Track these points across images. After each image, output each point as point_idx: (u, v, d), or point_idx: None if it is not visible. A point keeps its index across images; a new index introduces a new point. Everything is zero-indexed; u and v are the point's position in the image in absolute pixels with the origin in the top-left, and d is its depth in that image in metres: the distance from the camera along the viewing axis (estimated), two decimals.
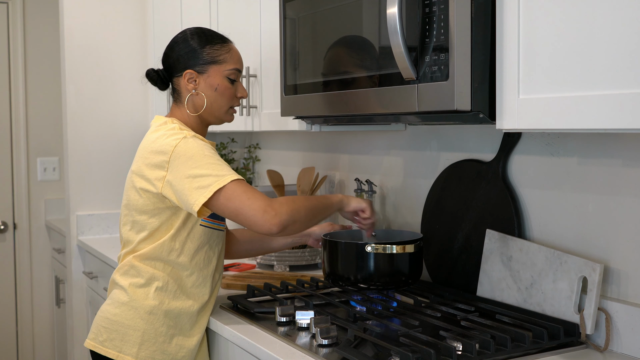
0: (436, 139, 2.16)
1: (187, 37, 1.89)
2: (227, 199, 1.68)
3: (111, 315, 1.84)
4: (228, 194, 1.68)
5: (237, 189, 1.68)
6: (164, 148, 1.75)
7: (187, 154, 1.72)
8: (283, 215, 1.68)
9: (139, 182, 1.80)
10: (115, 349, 1.81)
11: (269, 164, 3.19)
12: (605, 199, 1.62)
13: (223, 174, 1.69)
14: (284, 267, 2.50)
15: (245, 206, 1.67)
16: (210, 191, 1.67)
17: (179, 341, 1.83)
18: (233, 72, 1.89)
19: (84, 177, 3.37)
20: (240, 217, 1.68)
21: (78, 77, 3.37)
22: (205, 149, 1.73)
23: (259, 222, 1.67)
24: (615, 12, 1.21)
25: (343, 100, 1.81)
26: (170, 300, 1.81)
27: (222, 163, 1.73)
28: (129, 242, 1.87)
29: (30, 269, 4.39)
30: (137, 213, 1.83)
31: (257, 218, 1.67)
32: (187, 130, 1.80)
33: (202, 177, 1.69)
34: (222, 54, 1.88)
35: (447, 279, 2.01)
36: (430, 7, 1.49)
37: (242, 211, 1.67)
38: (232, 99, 1.91)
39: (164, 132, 1.80)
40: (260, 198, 1.68)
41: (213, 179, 1.68)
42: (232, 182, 1.68)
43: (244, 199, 1.67)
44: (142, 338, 1.80)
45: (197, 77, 1.86)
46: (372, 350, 1.55)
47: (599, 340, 1.60)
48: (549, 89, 1.33)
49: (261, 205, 1.67)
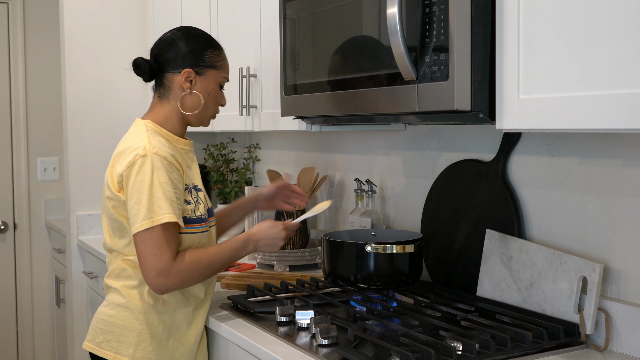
0: (436, 139, 2.16)
1: (190, 36, 1.88)
2: (141, 240, 1.72)
3: (107, 317, 1.84)
4: (147, 237, 1.71)
5: (153, 238, 1.71)
6: (124, 160, 1.76)
7: (138, 175, 1.72)
8: (172, 286, 1.74)
9: (106, 190, 1.82)
10: (111, 350, 1.81)
11: (269, 164, 3.19)
12: (605, 199, 1.62)
13: (158, 214, 1.70)
14: (284, 267, 2.50)
15: (146, 259, 1.71)
16: (141, 226, 1.70)
17: (175, 341, 1.83)
18: (224, 79, 1.93)
19: (84, 177, 3.37)
20: (140, 261, 1.73)
21: (78, 77, 3.37)
22: (158, 175, 1.72)
23: (149, 282, 1.73)
24: (615, 12, 1.21)
25: (343, 100, 1.81)
26: (164, 299, 1.81)
27: (165, 197, 1.72)
28: (114, 248, 1.86)
29: (31, 269, 4.39)
30: (112, 220, 1.83)
31: (148, 277, 1.72)
32: (152, 140, 1.77)
33: (140, 205, 1.70)
34: (220, 60, 1.90)
35: (447, 279, 2.01)
36: (430, 7, 1.49)
37: (142, 261, 1.72)
38: (217, 106, 1.94)
39: (131, 141, 1.80)
40: (163, 259, 1.71)
41: (147, 213, 1.70)
42: (159, 226, 1.70)
43: (150, 252, 1.71)
44: (137, 339, 1.80)
45: (195, 77, 1.86)
46: (372, 350, 1.55)
47: (598, 340, 1.60)
48: (549, 89, 1.33)
49: (159, 268, 1.71)
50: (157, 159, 1.73)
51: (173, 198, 1.73)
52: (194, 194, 1.84)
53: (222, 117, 2.71)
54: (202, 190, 1.89)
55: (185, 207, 1.79)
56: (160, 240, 1.71)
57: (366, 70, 1.73)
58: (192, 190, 1.84)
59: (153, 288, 1.74)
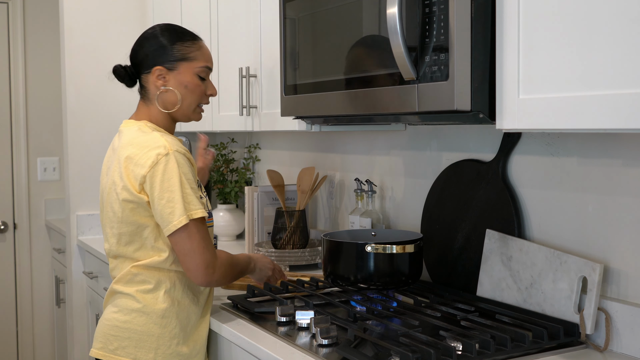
0: (436, 139, 2.16)
1: (157, 34, 1.88)
2: (185, 236, 1.72)
3: (120, 323, 1.81)
4: (191, 231, 1.72)
5: (198, 232, 1.73)
6: (144, 161, 1.74)
7: (165, 174, 1.72)
8: (219, 278, 1.78)
9: (122, 193, 1.78)
10: (129, 357, 1.79)
11: (269, 164, 3.19)
12: (605, 199, 1.62)
13: (192, 210, 1.72)
14: (284, 267, 2.50)
15: (194, 253, 1.72)
16: (179, 222, 1.70)
17: (192, 340, 1.83)
18: (203, 69, 1.88)
19: (84, 177, 3.37)
20: (186, 257, 1.73)
21: (78, 77, 3.37)
22: (184, 172, 1.73)
23: (198, 275, 1.74)
24: (614, 12, 1.21)
25: (343, 100, 1.81)
26: (179, 299, 1.81)
27: (194, 193, 1.74)
28: (121, 254, 1.84)
29: (30, 269, 4.39)
30: (125, 224, 1.80)
31: (199, 270, 1.73)
32: (167, 138, 1.77)
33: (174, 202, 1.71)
34: (192, 51, 1.87)
35: (447, 279, 2.01)
36: (430, 7, 1.49)
37: (190, 256, 1.72)
38: (202, 97, 1.91)
39: (142, 142, 1.78)
40: (210, 251, 1.75)
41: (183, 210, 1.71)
42: (196, 220, 1.72)
43: (199, 246, 1.73)
44: (157, 343, 1.79)
45: (167, 74, 1.85)
46: (372, 350, 1.55)
47: (598, 340, 1.60)
48: (549, 89, 1.33)
49: (208, 260, 1.74)
50: (179, 156, 1.75)
51: (198, 193, 1.76)
52: (202, 190, 1.89)
53: (222, 117, 2.71)
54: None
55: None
56: (204, 234, 1.74)
57: (366, 71, 1.73)
58: (200, 186, 1.88)
59: (201, 280, 1.74)
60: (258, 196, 2.77)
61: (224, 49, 2.70)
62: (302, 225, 2.57)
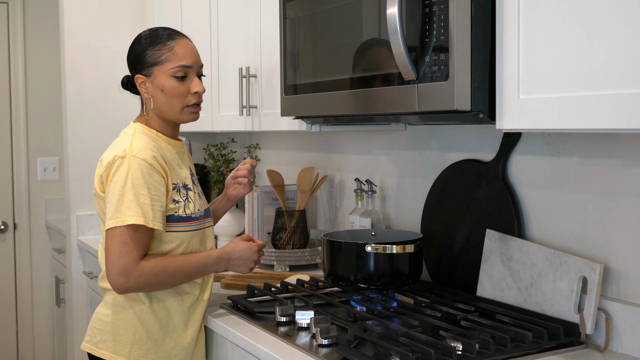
0: (436, 139, 2.16)
1: (135, 42, 1.90)
2: (109, 236, 1.74)
3: (103, 317, 1.86)
4: (114, 235, 1.74)
5: (121, 237, 1.73)
6: (105, 161, 1.80)
7: (115, 175, 1.76)
8: (131, 287, 1.75)
9: (95, 190, 1.87)
10: (108, 350, 1.82)
11: (269, 164, 3.19)
12: (605, 199, 1.62)
13: (125, 215, 1.73)
14: (284, 267, 2.50)
15: (111, 256, 1.74)
16: (109, 224, 1.74)
17: (172, 340, 1.84)
18: (178, 69, 1.84)
19: (84, 177, 3.37)
20: (107, 259, 1.75)
21: (78, 77, 3.37)
22: (133, 177, 1.74)
23: (110, 278, 1.74)
24: (615, 12, 1.21)
25: (343, 100, 1.81)
26: (159, 297, 1.83)
27: (136, 199, 1.74)
28: None
29: (30, 269, 4.39)
30: (100, 220, 1.87)
31: (110, 274, 1.74)
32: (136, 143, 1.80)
33: (111, 204, 1.75)
34: (163, 53, 1.84)
35: (447, 279, 2.01)
36: (430, 7, 1.49)
37: (107, 258, 1.75)
38: (184, 97, 1.86)
39: (116, 143, 1.85)
40: (127, 258, 1.73)
41: (114, 213, 1.74)
42: (125, 227, 1.73)
43: (115, 249, 1.73)
44: (133, 337, 1.81)
45: (146, 80, 1.87)
46: (372, 350, 1.55)
47: (599, 340, 1.60)
48: (549, 89, 1.33)
49: (122, 266, 1.73)
50: (134, 161, 1.75)
51: (146, 201, 1.74)
52: (183, 193, 1.85)
53: (222, 117, 2.71)
54: (194, 190, 1.90)
55: (173, 205, 1.81)
56: (127, 240, 1.73)
57: (366, 70, 1.73)
58: (180, 189, 1.85)
59: (112, 286, 1.75)
60: (258, 196, 2.77)
61: (223, 48, 2.70)
62: (302, 225, 2.57)
